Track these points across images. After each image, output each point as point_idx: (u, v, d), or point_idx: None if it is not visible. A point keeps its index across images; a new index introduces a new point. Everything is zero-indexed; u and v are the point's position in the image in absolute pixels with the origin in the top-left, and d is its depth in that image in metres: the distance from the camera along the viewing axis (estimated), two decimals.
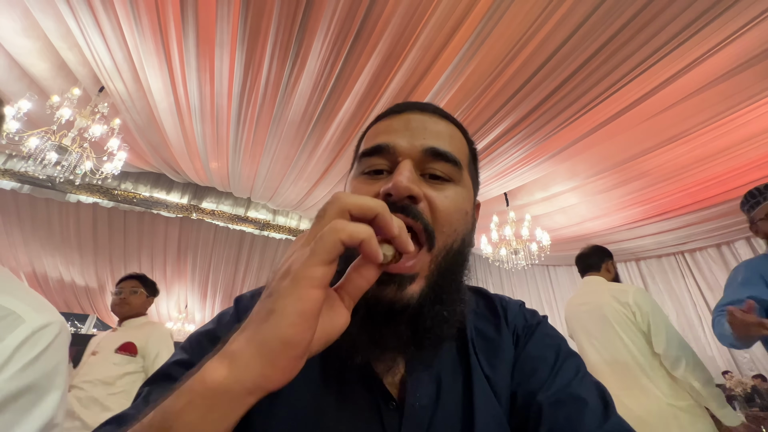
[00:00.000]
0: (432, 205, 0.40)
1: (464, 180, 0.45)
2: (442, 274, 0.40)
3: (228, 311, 0.49)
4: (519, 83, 2.53)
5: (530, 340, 0.47)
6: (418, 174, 0.42)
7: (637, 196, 3.92)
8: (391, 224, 0.29)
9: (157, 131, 3.55)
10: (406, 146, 0.42)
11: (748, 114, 2.65)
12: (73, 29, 2.47)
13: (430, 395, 0.41)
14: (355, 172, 0.47)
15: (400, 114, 0.47)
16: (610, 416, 0.38)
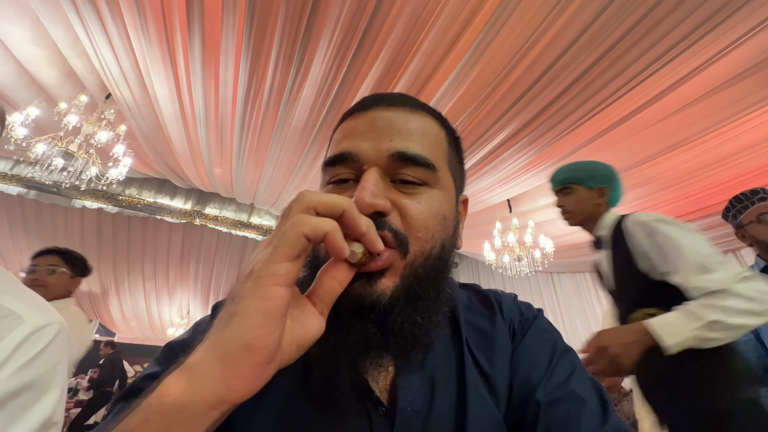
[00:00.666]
0: (404, 212, 0.37)
1: (441, 182, 0.41)
2: (418, 279, 0.37)
3: (205, 319, 0.46)
4: (522, 90, 2.54)
5: (527, 334, 0.45)
6: (388, 180, 0.39)
7: (640, 203, 3.90)
8: (358, 221, 0.28)
9: (162, 137, 3.59)
10: (371, 151, 0.39)
11: (752, 121, 2.64)
12: (82, 38, 2.52)
13: (423, 398, 0.38)
14: (322, 181, 0.44)
15: (365, 112, 0.42)
16: (609, 417, 0.36)
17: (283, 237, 0.26)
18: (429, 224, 0.38)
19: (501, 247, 4.24)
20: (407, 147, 0.39)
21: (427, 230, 0.38)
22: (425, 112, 0.44)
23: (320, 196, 0.28)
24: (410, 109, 0.42)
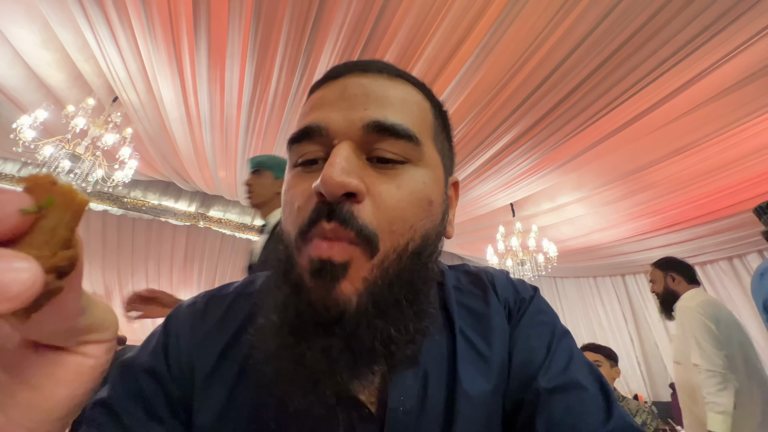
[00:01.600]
0: (378, 200, 0.31)
1: (426, 158, 0.34)
2: (389, 283, 0.30)
3: (156, 332, 0.39)
4: (525, 94, 2.54)
5: (524, 315, 0.41)
6: (363, 159, 0.32)
7: (644, 208, 3.88)
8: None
9: (167, 140, 3.62)
10: (342, 123, 0.32)
11: (757, 126, 2.63)
12: (90, 41, 2.55)
13: (416, 397, 0.34)
14: (288, 163, 0.37)
15: (335, 80, 0.35)
16: (613, 411, 0.34)
17: None
18: (407, 214, 0.32)
19: (504, 251, 4.23)
20: (385, 116, 0.32)
21: (404, 221, 0.31)
22: (405, 80, 0.37)
23: None
24: (388, 76, 0.36)
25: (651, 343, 5.24)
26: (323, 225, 0.29)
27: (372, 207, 0.30)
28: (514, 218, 4.25)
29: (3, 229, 0.12)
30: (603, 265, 5.50)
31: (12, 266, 0.12)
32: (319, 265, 0.29)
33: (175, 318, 0.39)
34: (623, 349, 5.42)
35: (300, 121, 0.35)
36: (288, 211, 0.34)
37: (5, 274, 0.11)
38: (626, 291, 5.64)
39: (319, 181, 0.29)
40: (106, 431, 0.31)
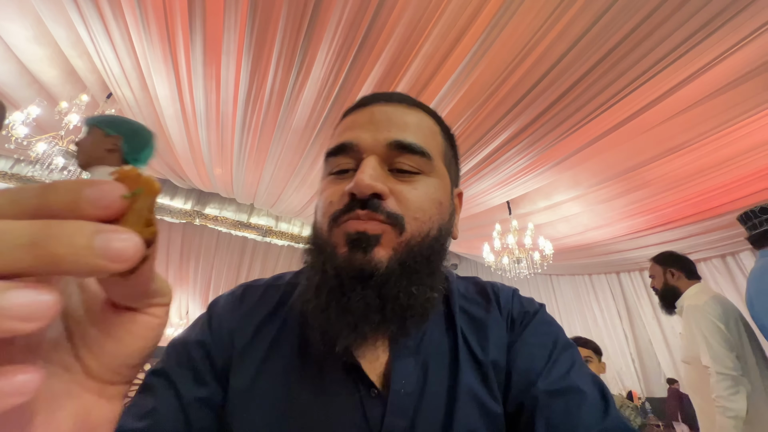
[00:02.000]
0: (400, 197, 0.39)
1: (436, 170, 0.43)
2: (414, 255, 0.38)
3: (202, 317, 0.47)
4: (522, 92, 2.54)
5: (528, 326, 0.45)
6: (386, 169, 0.41)
7: (639, 206, 3.91)
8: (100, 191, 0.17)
9: (162, 137, 3.59)
10: (370, 141, 0.41)
11: (751, 125, 2.65)
12: (84, 37, 2.52)
13: (415, 382, 0.40)
14: (323, 172, 0.46)
15: (364, 107, 0.45)
16: (610, 412, 0.37)
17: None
18: (425, 206, 0.40)
19: (500, 249, 4.24)
20: (404, 136, 0.41)
21: (423, 212, 0.40)
22: (420, 109, 0.46)
23: None
24: (407, 105, 0.45)
25: (645, 340, 5.30)
26: (357, 212, 0.38)
27: (395, 202, 0.39)
28: (510, 216, 4.27)
29: (111, 210, 0.16)
30: (598, 263, 5.54)
31: (124, 236, 0.15)
32: (355, 236, 0.37)
33: (216, 303, 0.48)
34: (618, 346, 5.47)
35: (335, 139, 0.44)
36: (322, 207, 0.43)
37: (122, 242, 0.15)
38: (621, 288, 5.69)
39: (353, 184, 0.37)
40: (162, 394, 0.38)
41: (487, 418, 0.39)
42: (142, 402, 0.37)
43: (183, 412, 0.38)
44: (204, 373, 0.41)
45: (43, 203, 0.15)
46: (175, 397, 0.38)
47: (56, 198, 0.15)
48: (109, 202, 0.16)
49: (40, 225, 0.14)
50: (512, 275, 4.37)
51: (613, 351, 5.48)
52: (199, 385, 0.40)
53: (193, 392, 0.39)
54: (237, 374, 0.41)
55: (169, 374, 0.40)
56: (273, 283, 0.51)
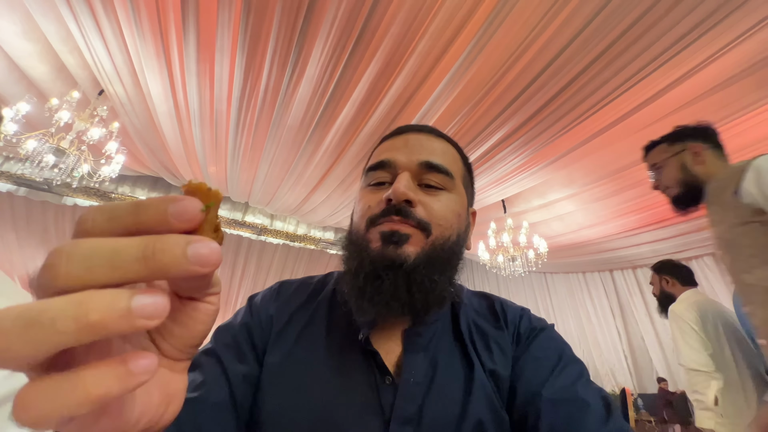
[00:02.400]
0: (427, 207, 0.47)
1: (457, 189, 0.52)
2: (437, 253, 0.46)
3: (242, 309, 0.56)
4: (517, 91, 2.55)
5: (534, 341, 0.50)
6: (416, 184, 0.49)
7: (632, 204, 3.95)
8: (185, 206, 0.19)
9: (155, 135, 3.55)
10: (405, 161, 0.50)
11: (744, 123, 2.69)
12: (74, 33, 2.48)
13: (424, 374, 0.45)
14: (362, 184, 0.54)
15: (400, 135, 0.55)
16: (612, 418, 0.39)
17: None
18: (447, 216, 0.48)
19: (495, 247, 4.26)
20: (432, 158, 0.50)
21: (446, 220, 0.48)
22: (446, 140, 0.56)
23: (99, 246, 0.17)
24: (435, 136, 0.55)
25: (638, 337, 5.36)
26: (392, 216, 0.46)
27: (423, 210, 0.47)
28: (505, 214, 4.29)
29: (193, 223, 0.19)
30: (592, 261, 5.59)
31: (209, 245, 0.18)
32: (389, 234, 0.45)
33: (255, 296, 0.57)
34: (611, 344, 5.53)
35: (375, 158, 0.54)
36: (360, 211, 0.51)
37: (208, 249, 0.18)
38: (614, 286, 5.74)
39: (390, 192, 0.46)
40: (211, 370, 0.45)
41: (495, 415, 0.43)
42: (193, 377, 0.43)
43: (228, 385, 0.44)
44: (246, 352, 0.48)
45: (137, 220, 0.19)
46: (222, 372, 0.45)
47: (147, 215, 0.19)
48: (191, 216, 0.19)
49: (146, 241, 0.17)
50: (507, 273, 4.39)
51: (606, 348, 5.54)
52: (242, 363, 0.47)
53: (237, 368, 0.46)
54: (272, 352, 0.49)
55: (217, 353, 0.46)
56: (305, 281, 0.60)
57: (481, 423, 0.42)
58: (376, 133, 3.11)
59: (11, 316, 0.14)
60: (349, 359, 0.47)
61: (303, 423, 0.42)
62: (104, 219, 0.19)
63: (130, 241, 0.17)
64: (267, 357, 0.48)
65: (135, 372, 0.17)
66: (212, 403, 0.42)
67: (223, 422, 0.42)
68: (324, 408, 0.43)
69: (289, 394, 0.44)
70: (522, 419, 0.42)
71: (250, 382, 0.46)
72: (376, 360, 0.46)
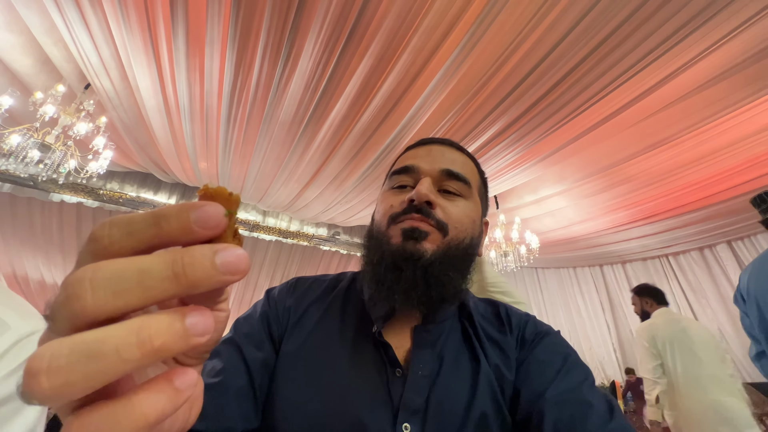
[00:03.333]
0: (445, 210, 0.51)
1: (473, 197, 0.55)
2: (452, 252, 0.49)
3: (260, 301, 0.59)
4: (509, 87, 2.56)
5: (539, 345, 0.51)
6: (436, 189, 0.53)
7: (622, 200, 4.00)
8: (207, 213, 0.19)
9: (144, 130, 3.49)
10: (427, 167, 0.54)
11: (730, 121, 2.74)
12: (59, 24, 2.42)
13: (431, 368, 0.48)
14: (386, 187, 0.58)
15: (424, 146, 0.59)
16: (615, 418, 0.40)
17: None
18: (463, 220, 0.52)
19: (488, 243, 4.29)
20: (453, 167, 0.54)
21: (462, 224, 0.51)
22: (466, 154, 0.60)
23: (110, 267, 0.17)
24: (456, 149, 0.59)
25: (626, 331, 5.46)
26: (413, 215, 0.50)
27: (441, 212, 0.51)
28: (497, 210, 4.32)
29: (219, 230, 0.19)
30: (582, 256, 5.67)
31: (236, 252, 0.18)
32: (410, 230, 0.48)
33: (272, 289, 0.60)
34: (600, 337, 5.62)
35: (399, 164, 0.58)
36: (382, 210, 0.54)
37: (236, 257, 0.18)
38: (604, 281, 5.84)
39: (414, 192, 0.50)
40: (231, 357, 0.48)
41: (499, 411, 0.45)
42: (213, 364, 0.46)
43: (248, 371, 0.47)
44: (264, 340, 0.51)
45: (158, 233, 0.18)
46: (241, 359, 0.48)
47: (170, 227, 0.18)
48: (216, 223, 0.19)
49: (173, 257, 0.17)
50: (499, 268, 4.43)
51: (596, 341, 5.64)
52: (260, 350, 0.50)
53: (256, 355, 0.49)
54: (289, 341, 0.52)
55: (237, 342, 0.49)
56: (319, 278, 0.64)
57: (486, 416, 0.44)
58: (369, 130, 3.10)
59: (64, 351, 0.14)
60: (362, 351, 0.49)
61: (316, 409, 0.44)
62: (122, 235, 0.18)
63: (155, 258, 0.17)
64: (283, 346, 0.51)
65: (181, 389, 0.17)
66: (233, 387, 0.45)
67: (243, 405, 0.45)
68: (336, 396, 0.45)
69: (303, 382, 0.47)
70: (526, 421, 0.44)
71: (267, 369, 0.49)
72: (387, 353, 0.48)
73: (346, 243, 5.87)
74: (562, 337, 0.54)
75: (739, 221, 4.15)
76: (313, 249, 6.30)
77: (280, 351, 0.51)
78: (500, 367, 0.49)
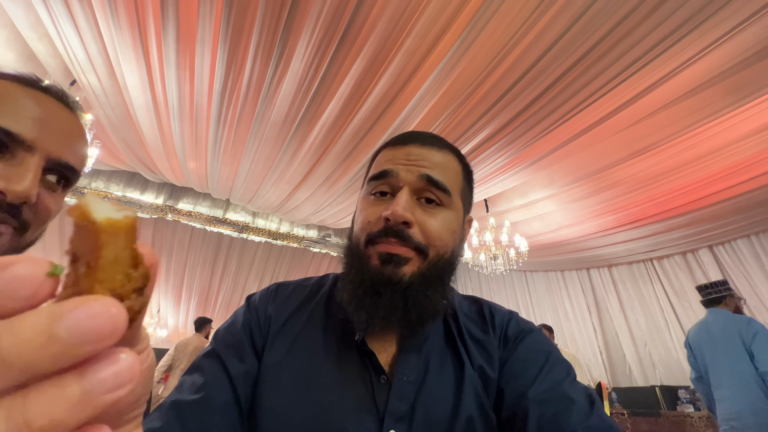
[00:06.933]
0: (424, 227, 0.49)
1: (454, 204, 0.53)
2: (431, 271, 0.48)
3: (241, 309, 0.57)
4: (500, 92, 2.59)
5: (521, 344, 0.52)
6: (415, 198, 0.50)
7: (609, 205, 4.08)
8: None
9: (132, 129, 3.43)
10: (406, 173, 0.51)
11: (712, 129, 2.82)
12: (44, 19, 2.36)
13: (417, 373, 0.48)
14: (364, 192, 0.55)
15: (404, 146, 0.55)
16: (595, 411, 0.41)
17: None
18: (443, 235, 0.50)
19: (478, 246, 4.32)
20: (433, 173, 0.51)
21: (442, 239, 0.50)
22: (448, 150, 0.56)
23: None
24: (437, 148, 0.55)
25: (612, 333, 5.54)
26: (390, 239, 0.48)
27: (419, 231, 0.48)
28: (487, 213, 4.35)
29: (38, 300, 0.13)
30: (570, 260, 5.75)
31: (93, 312, 0.13)
32: (387, 257, 0.47)
33: (253, 296, 0.58)
34: (587, 339, 5.70)
35: (378, 167, 0.54)
36: (360, 223, 0.52)
37: (90, 321, 0.13)
38: (591, 284, 5.92)
39: (389, 212, 0.47)
40: (213, 370, 0.47)
41: (484, 413, 0.45)
42: (194, 379, 0.45)
43: (231, 384, 0.46)
44: (247, 351, 0.50)
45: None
46: (224, 372, 0.47)
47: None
48: (28, 293, 0.13)
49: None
50: (489, 271, 4.47)
51: (582, 344, 5.71)
52: (242, 362, 0.48)
53: (239, 367, 0.47)
54: (270, 352, 0.50)
55: (219, 354, 0.48)
56: (301, 283, 0.61)
57: (472, 420, 0.44)
58: (361, 131, 3.10)
59: None
60: (346, 359, 0.49)
61: (300, 420, 0.44)
62: None
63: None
64: (265, 356, 0.50)
65: None
66: (217, 403, 0.44)
67: (228, 420, 0.44)
68: (320, 405, 0.44)
69: (286, 392, 0.46)
70: (511, 419, 0.44)
71: (251, 379, 0.48)
72: (371, 360, 0.48)
73: (336, 245, 5.85)
74: (544, 335, 0.55)
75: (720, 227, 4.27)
76: (303, 251, 6.26)
77: (262, 361, 0.50)
78: (484, 367, 0.49)
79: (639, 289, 5.44)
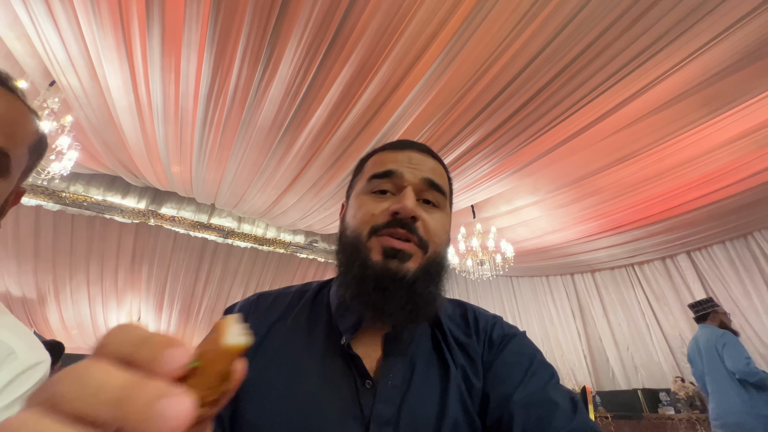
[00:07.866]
0: (426, 224, 0.51)
1: (446, 208, 0.57)
2: (432, 266, 0.51)
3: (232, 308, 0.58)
4: (486, 100, 2.64)
5: (505, 348, 0.52)
6: (417, 199, 0.53)
7: (592, 212, 4.18)
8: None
9: (114, 131, 3.34)
10: (410, 175, 0.54)
11: (689, 138, 2.93)
12: (23, 18, 2.29)
13: (403, 377, 0.48)
14: (362, 189, 0.56)
15: (403, 150, 0.58)
16: (578, 415, 0.42)
17: None
18: (440, 234, 0.53)
19: (465, 251, 4.36)
20: (433, 177, 0.54)
21: (439, 237, 0.53)
22: (438, 160, 0.60)
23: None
24: (432, 157, 0.59)
25: (596, 338, 5.65)
26: (397, 230, 0.49)
27: (423, 227, 0.51)
28: (474, 219, 4.40)
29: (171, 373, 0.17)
30: (554, 265, 5.85)
31: (175, 400, 0.15)
32: (392, 252, 0.48)
33: (233, 307, 0.58)
34: (571, 343, 5.79)
35: (380, 167, 0.56)
36: (361, 216, 0.53)
37: (178, 411, 0.15)
38: (575, 289, 6.03)
39: (400, 206, 0.49)
40: None
41: (468, 417, 0.46)
42: None
43: None
44: None
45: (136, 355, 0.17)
46: None
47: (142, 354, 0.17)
48: (170, 367, 0.17)
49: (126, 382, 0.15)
50: (475, 277, 4.50)
51: (567, 348, 5.79)
52: None
53: None
54: (251, 365, 0.47)
55: None
56: (282, 292, 0.61)
57: (457, 423, 0.45)
58: (349, 137, 3.10)
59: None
60: (330, 365, 0.49)
61: (284, 430, 0.43)
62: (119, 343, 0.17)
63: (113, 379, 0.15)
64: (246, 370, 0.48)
65: None
66: None
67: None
68: (305, 414, 0.44)
69: (269, 404, 0.45)
70: (496, 423, 0.45)
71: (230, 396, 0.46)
72: (356, 364, 0.48)
73: (323, 251, 5.80)
74: (528, 338, 0.56)
75: (696, 233, 4.42)
76: (290, 257, 6.19)
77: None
78: (468, 372, 0.49)
79: (621, 294, 5.57)
